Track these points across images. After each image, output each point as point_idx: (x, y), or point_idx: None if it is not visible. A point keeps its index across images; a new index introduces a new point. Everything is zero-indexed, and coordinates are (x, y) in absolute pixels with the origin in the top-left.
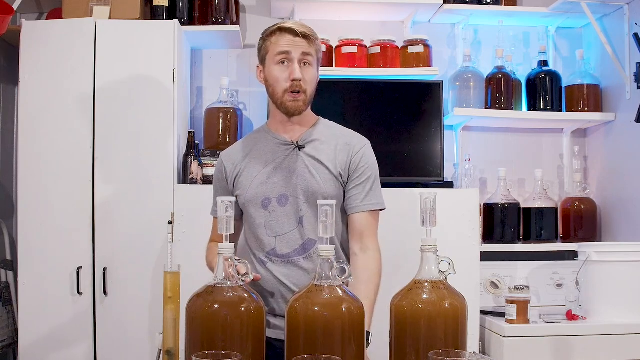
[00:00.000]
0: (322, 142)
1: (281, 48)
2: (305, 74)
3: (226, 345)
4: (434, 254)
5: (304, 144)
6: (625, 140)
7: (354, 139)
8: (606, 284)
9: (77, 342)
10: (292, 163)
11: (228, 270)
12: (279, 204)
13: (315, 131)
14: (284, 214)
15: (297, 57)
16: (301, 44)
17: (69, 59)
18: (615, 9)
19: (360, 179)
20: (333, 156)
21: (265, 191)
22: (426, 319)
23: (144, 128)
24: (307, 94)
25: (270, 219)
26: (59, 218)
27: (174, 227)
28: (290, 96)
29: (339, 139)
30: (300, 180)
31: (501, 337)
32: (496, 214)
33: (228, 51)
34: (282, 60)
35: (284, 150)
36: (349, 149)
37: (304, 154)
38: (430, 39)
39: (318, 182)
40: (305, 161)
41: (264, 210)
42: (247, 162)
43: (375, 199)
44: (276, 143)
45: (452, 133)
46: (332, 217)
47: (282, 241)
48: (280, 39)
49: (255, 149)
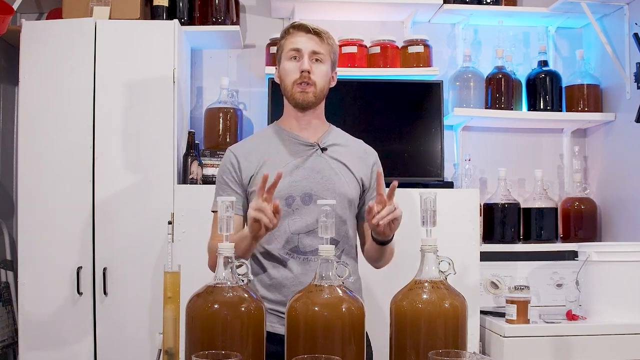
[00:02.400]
0: (342, 147)
1: (293, 45)
2: (315, 68)
3: (226, 345)
4: (434, 254)
5: (325, 146)
6: (625, 140)
7: (369, 148)
8: (606, 284)
9: (77, 342)
10: (317, 163)
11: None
12: (303, 202)
13: (332, 136)
14: (307, 213)
15: (308, 53)
16: (312, 41)
17: (69, 59)
18: (615, 9)
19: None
20: (354, 162)
21: (289, 189)
22: (426, 319)
23: (144, 128)
24: (316, 87)
25: (293, 216)
26: (59, 218)
27: (174, 227)
28: (299, 87)
29: (356, 146)
30: (327, 180)
31: (501, 337)
32: (496, 214)
33: (228, 51)
34: (293, 55)
35: (305, 150)
36: (367, 158)
37: (328, 156)
38: (430, 39)
39: (344, 184)
40: (330, 163)
41: (287, 207)
42: (266, 158)
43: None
44: (295, 142)
45: (452, 133)
46: (332, 217)
47: (305, 239)
48: (292, 36)
49: (273, 147)
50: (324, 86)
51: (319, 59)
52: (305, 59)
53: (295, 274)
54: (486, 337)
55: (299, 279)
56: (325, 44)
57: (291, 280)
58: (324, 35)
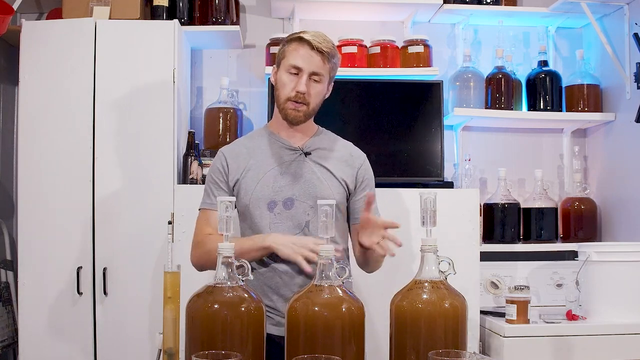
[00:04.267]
0: (327, 151)
1: (294, 61)
2: (312, 89)
3: (226, 345)
4: (434, 254)
5: (309, 151)
6: (625, 140)
7: (356, 151)
8: (606, 284)
9: (77, 342)
10: (299, 168)
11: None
12: (285, 207)
13: (318, 140)
14: (289, 217)
15: (307, 73)
16: (314, 61)
17: (69, 59)
18: (615, 9)
19: (365, 190)
20: (338, 165)
21: (271, 194)
22: (426, 319)
23: (144, 128)
24: (309, 107)
25: (275, 221)
26: (59, 218)
27: (174, 227)
28: (292, 104)
29: (342, 150)
30: (308, 185)
31: (501, 337)
32: (496, 214)
33: (228, 51)
34: (293, 72)
35: (289, 155)
36: (353, 161)
37: (311, 161)
38: (430, 39)
39: (326, 187)
40: (312, 167)
41: (269, 212)
42: (251, 163)
43: (377, 209)
44: (281, 146)
45: (452, 133)
46: (332, 217)
47: None
48: (297, 49)
49: (260, 151)
50: (317, 104)
51: (317, 80)
52: (303, 79)
53: (282, 277)
54: (486, 337)
55: (285, 282)
56: (327, 64)
57: (277, 282)
58: (327, 55)
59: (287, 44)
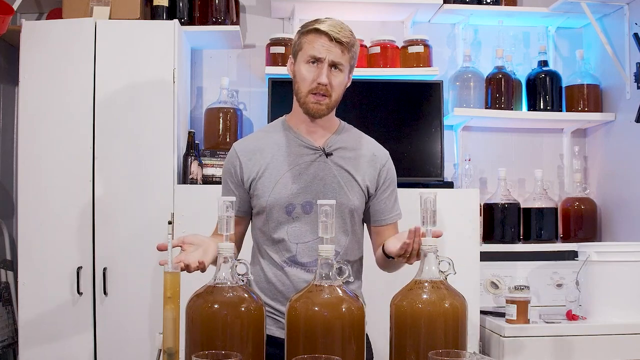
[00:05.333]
0: (349, 151)
1: (313, 52)
2: (333, 79)
3: (226, 345)
4: (434, 254)
5: (331, 151)
6: (625, 140)
7: (379, 150)
8: (606, 284)
9: (77, 342)
10: (320, 170)
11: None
12: (304, 211)
13: (341, 138)
14: (307, 222)
15: (328, 63)
16: (334, 51)
17: (69, 59)
18: (615, 9)
19: (386, 191)
20: (361, 168)
21: (290, 197)
22: (426, 319)
23: (144, 128)
24: (331, 99)
25: (293, 225)
26: (59, 218)
27: (174, 227)
28: (313, 98)
29: (365, 149)
30: (329, 190)
31: (501, 337)
32: (496, 214)
33: (228, 51)
34: (312, 61)
35: (309, 155)
36: (376, 162)
37: (332, 163)
38: (430, 39)
39: (347, 194)
40: (333, 170)
41: (287, 215)
42: (268, 162)
43: (399, 209)
44: (299, 144)
45: (452, 133)
46: (332, 217)
47: (304, 249)
48: (315, 40)
49: (277, 148)
50: (339, 95)
51: (338, 68)
52: (324, 69)
53: (293, 282)
54: (486, 337)
55: (296, 287)
56: (347, 54)
57: (288, 287)
58: (347, 45)
59: (304, 35)
